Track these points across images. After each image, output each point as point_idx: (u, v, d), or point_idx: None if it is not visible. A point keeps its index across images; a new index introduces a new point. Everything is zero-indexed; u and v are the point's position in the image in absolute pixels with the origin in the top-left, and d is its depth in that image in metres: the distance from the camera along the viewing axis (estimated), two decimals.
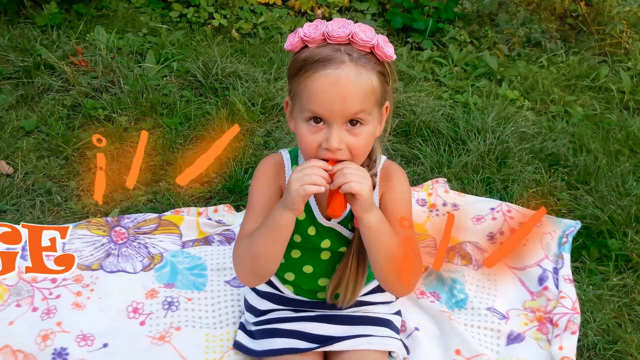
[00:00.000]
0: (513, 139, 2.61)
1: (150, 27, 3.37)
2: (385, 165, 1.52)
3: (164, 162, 2.41)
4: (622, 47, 3.53)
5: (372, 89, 1.30)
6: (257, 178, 1.50)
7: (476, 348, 1.63)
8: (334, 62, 1.27)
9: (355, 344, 1.51)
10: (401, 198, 1.49)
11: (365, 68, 1.29)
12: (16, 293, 1.74)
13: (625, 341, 1.74)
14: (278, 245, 1.39)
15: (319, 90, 1.27)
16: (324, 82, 1.27)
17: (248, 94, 2.80)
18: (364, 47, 1.30)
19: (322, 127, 1.30)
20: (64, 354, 1.57)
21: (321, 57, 1.28)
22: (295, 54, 1.34)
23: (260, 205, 1.47)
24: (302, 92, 1.30)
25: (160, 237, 2.01)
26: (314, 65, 1.28)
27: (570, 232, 2.08)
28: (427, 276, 1.91)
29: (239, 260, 1.45)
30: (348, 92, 1.27)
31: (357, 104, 1.28)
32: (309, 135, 1.32)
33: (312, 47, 1.31)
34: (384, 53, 1.32)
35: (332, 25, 1.30)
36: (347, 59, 1.28)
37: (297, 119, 1.35)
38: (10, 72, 2.86)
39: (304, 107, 1.30)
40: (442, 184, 2.33)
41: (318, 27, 1.31)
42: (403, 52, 3.37)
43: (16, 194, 2.18)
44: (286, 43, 1.35)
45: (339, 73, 1.26)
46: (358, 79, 1.28)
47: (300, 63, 1.30)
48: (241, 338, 1.62)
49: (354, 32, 1.29)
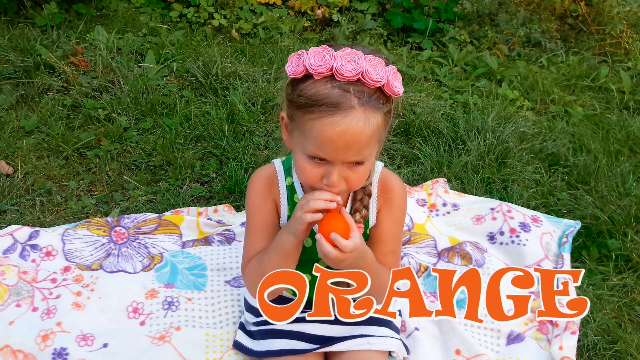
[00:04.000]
0: (513, 139, 2.61)
1: (150, 27, 3.37)
2: (383, 176, 1.50)
3: (164, 162, 2.41)
4: (622, 47, 3.53)
5: (378, 131, 1.27)
6: (251, 196, 1.49)
7: (476, 348, 1.64)
8: (343, 109, 1.21)
9: (355, 344, 1.51)
10: (397, 216, 1.50)
11: (373, 111, 1.24)
12: (16, 293, 1.73)
13: (625, 341, 1.74)
14: (286, 266, 1.41)
15: (326, 138, 1.22)
16: (332, 131, 1.21)
17: (248, 94, 2.80)
18: (373, 86, 1.24)
19: (323, 163, 1.29)
20: (64, 354, 1.57)
21: (330, 102, 1.21)
22: (299, 83, 1.26)
23: (258, 224, 1.48)
24: (307, 131, 1.25)
25: (160, 237, 2.01)
26: (322, 108, 1.22)
27: (570, 232, 2.08)
28: (427, 276, 1.91)
29: (250, 281, 1.49)
30: (354, 141, 1.23)
31: (361, 151, 1.26)
32: (310, 169, 1.29)
33: (318, 82, 1.24)
34: (393, 91, 1.26)
35: (341, 59, 1.22)
36: (356, 103, 1.22)
37: (297, 147, 1.32)
38: (10, 72, 2.86)
39: (308, 147, 1.27)
40: (442, 184, 2.33)
41: (325, 59, 1.23)
42: (403, 52, 3.37)
43: (16, 194, 2.18)
44: (288, 67, 1.27)
45: (348, 122, 1.21)
46: (365, 126, 1.23)
47: (307, 100, 1.23)
48: (241, 338, 1.62)
49: (364, 70, 1.22)
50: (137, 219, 2.04)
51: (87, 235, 1.96)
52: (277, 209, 1.49)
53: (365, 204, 1.45)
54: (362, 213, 1.43)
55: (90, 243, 1.95)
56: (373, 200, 1.48)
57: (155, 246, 1.98)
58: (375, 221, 1.50)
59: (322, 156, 1.26)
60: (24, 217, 2.09)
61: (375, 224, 1.51)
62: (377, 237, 1.50)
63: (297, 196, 1.47)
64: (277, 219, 1.50)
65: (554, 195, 2.34)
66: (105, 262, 1.87)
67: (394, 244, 1.52)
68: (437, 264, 1.98)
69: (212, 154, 2.48)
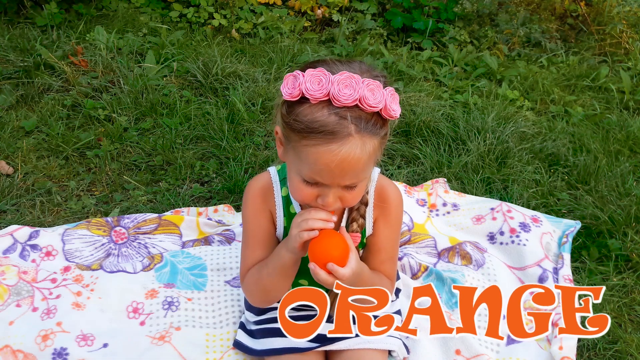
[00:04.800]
0: (513, 139, 2.61)
1: (150, 27, 3.37)
2: (380, 184, 1.49)
3: (164, 162, 2.41)
4: (622, 47, 3.53)
5: (374, 154, 1.26)
6: (247, 207, 1.49)
7: (476, 348, 1.64)
8: (340, 137, 1.19)
9: (355, 342, 1.51)
10: (394, 224, 1.51)
11: (370, 137, 1.22)
12: (16, 293, 1.73)
13: (625, 341, 1.74)
14: (285, 279, 1.43)
15: (322, 165, 1.22)
16: (329, 159, 1.20)
17: (248, 94, 2.81)
18: (371, 111, 1.22)
19: (319, 185, 1.28)
20: (64, 354, 1.57)
21: (327, 130, 1.19)
22: (295, 105, 1.24)
23: (255, 236, 1.49)
24: (302, 155, 1.24)
25: (160, 237, 2.01)
26: (319, 136, 1.20)
27: (570, 232, 2.08)
28: (427, 276, 1.91)
29: (249, 292, 1.51)
30: (351, 168, 1.22)
31: (356, 176, 1.26)
32: (305, 189, 1.29)
33: (314, 107, 1.21)
34: (390, 115, 1.24)
35: (338, 84, 1.19)
36: (353, 131, 1.20)
37: (291, 167, 1.31)
38: (10, 72, 2.86)
39: (304, 171, 1.26)
40: (442, 184, 2.33)
41: (322, 84, 1.20)
42: (403, 52, 3.37)
43: (16, 194, 2.18)
44: (284, 89, 1.24)
45: (345, 150, 1.20)
46: (362, 152, 1.22)
47: (303, 126, 1.21)
48: (241, 337, 1.62)
49: (362, 95, 1.19)
50: (137, 219, 2.04)
51: (87, 235, 1.96)
52: (273, 219, 1.49)
53: (362, 213, 1.44)
54: (359, 222, 1.43)
55: (90, 243, 1.95)
56: (370, 209, 1.48)
57: (155, 246, 1.98)
58: (372, 230, 1.50)
59: (318, 181, 1.26)
60: (24, 217, 2.09)
61: (372, 233, 1.51)
62: (374, 246, 1.51)
63: (293, 207, 1.47)
64: (273, 229, 1.50)
65: (554, 195, 2.34)
66: (105, 262, 1.87)
67: (391, 251, 1.52)
68: (437, 264, 1.98)
69: (212, 154, 2.48)
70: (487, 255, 1.98)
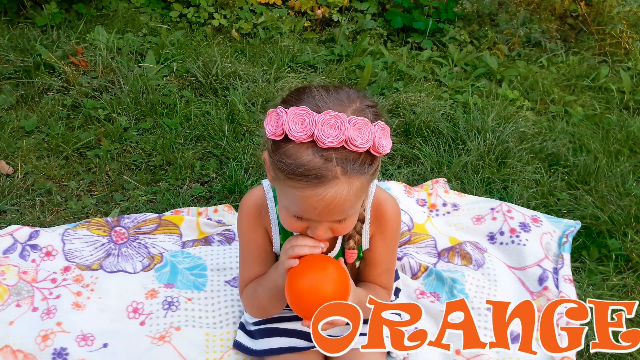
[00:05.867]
0: (513, 139, 2.61)
1: (150, 27, 3.37)
2: (377, 199, 1.46)
3: (164, 162, 2.41)
4: (622, 47, 3.53)
5: (363, 191, 1.23)
6: (242, 224, 1.48)
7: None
8: (326, 181, 1.15)
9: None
10: (391, 239, 1.50)
11: (357, 177, 1.18)
12: (16, 293, 1.73)
13: None
14: (279, 300, 1.41)
15: (309, 207, 1.19)
16: (315, 202, 1.17)
17: (248, 94, 2.81)
18: (358, 152, 1.17)
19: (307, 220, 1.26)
20: (64, 354, 1.57)
21: (312, 175, 1.15)
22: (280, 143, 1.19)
23: (251, 252, 1.50)
24: (289, 195, 1.21)
25: (160, 237, 2.01)
26: (304, 179, 1.15)
27: (570, 232, 2.08)
28: (427, 276, 1.91)
29: (247, 306, 1.54)
30: (338, 208, 1.19)
31: (345, 213, 1.24)
32: (295, 223, 1.27)
33: (299, 146, 1.16)
34: (379, 152, 1.19)
35: (323, 125, 1.13)
36: (339, 173, 1.15)
37: (280, 199, 1.29)
38: (10, 72, 2.86)
39: (291, 208, 1.24)
40: (442, 184, 2.33)
41: (305, 124, 1.14)
42: (403, 52, 3.37)
43: (16, 194, 2.18)
44: (267, 126, 1.20)
45: (332, 193, 1.16)
46: (349, 193, 1.18)
47: (288, 169, 1.17)
48: (241, 338, 1.62)
49: (348, 137, 1.14)
50: (137, 219, 2.04)
51: (87, 235, 1.96)
52: (269, 236, 1.48)
53: (358, 229, 1.43)
54: (355, 239, 1.42)
55: (90, 243, 1.95)
56: (366, 225, 1.46)
57: (155, 246, 1.98)
58: (369, 245, 1.50)
59: (305, 217, 1.24)
60: (24, 217, 2.09)
61: (368, 248, 1.50)
62: (371, 260, 1.50)
63: None
64: (269, 246, 1.49)
65: (554, 195, 2.34)
66: (105, 262, 1.87)
67: (388, 264, 1.52)
68: (437, 264, 1.98)
69: (212, 154, 2.48)
70: (487, 255, 1.98)
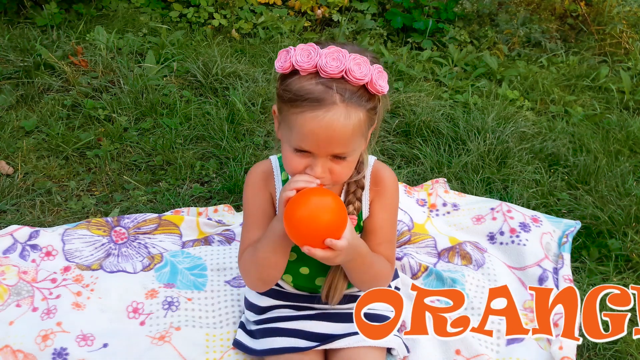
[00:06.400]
0: (513, 139, 2.61)
1: (150, 27, 3.37)
2: (375, 168, 1.52)
3: (164, 162, 2.41)
4: (622, 47, 3.53)
5: (360, 126, 1.30)
6: (247, 190, 1.52)
7: (476, 348, 1.63)
8: (325, 104, 1.25)
9: (354, 341, 1.51)
10: (389, 206, 1.52)
11: (355, 108, 1.28)
12: (16, 293, 1.74)
13: (625, 341, 1.73)
14: (280, 254, 1.43)
15: (308, 132, 1.27)
16: (313, 125, 1.26)
17: (248, 94, 2.81)
18: (357, 84, 1.27)
19: (308, 155, 1.32)
20: (64, 354, 1.57)
21: (312, 97, 1.26)
22: (287, 78, 1.31)
23: (254, 215, 1.51)
24: (291, 124, 1.30)
25: (160, 237, 2.01)
26: (305, 103, 1.26)
27: (570, 232, 2.08)
28: (427, 276, 1.91)
29: (245, 270, 1.51)
30: (336, 135, 1.27)
31: (343, 145, 1.29)
32: (295, 159, 1.33)
33: (303, 78, 1.28)
34: (377, 89, 1.29)
35: (326, 57, 1.26)
36: (338, 100, 1.26)
37: (283, 139, 1.36)
38: (10, 72, 2.86)
39: (292, 139, 1.31)
40: (442, 184, 2.33)
41: (311, 56, 1.27)
42: (403, 52, 3.37)
43: (16, 194, 2.18)
44: (277, 63, 1.32)
45: (329, 117, 1.25)
46: (347, 121, 1.27)
47: (291, 95, 1.28)
48: (241, 337, 1.62)
49: (348, 68, 1.26)
50: (137, 219, 2.04)
51: (87, 235, 1.96)
52: (273, 202, 1.51)
53: (358, 196, 1.47)
54: (355, 205, 1.45)
55: (90, 243, 1.95)
56: (366, 192, 1.49)
57: (155, 246, 1.98)
58: (369, 212, 1.51)
59: (305, 148, 1.30)
60: (24, 217, 2.09)
61: (368, 216, 1.52)
62: (370, 228, 1.51)
63: None
64: (272, 210, 1.51)
65: (554, 195, 2.34)
66: (105, 262, 1.87)
67: (387, 234, 1.52)
68: (437, 264, 1.98)
69: (212, 154, 2.48)
70: (487, 255, 1.98)
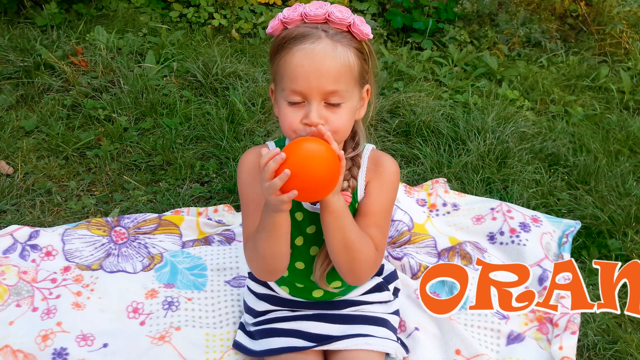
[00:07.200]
0: (513, 139, 2.61)
1: (150, 27, 3.37)
2: (374, 153, 1.52)
3: (164, 162, 2.41)
4: (622, 47, 3.53)
5: (349, 65, 1.34)
6: (242, 174, 1.49)
7: (476, 348, 1.63)
8: (311, 37, 1.32)
9: (353, 343, 1.51)
10: (386, 190, 1.48)
11: (341, 44, 1.33)
12: (16, 293, 1.73)
13: (625, 341, 1.73)
14: (280, 242, 1.38)
15: (296, 65, 1.31)
16: (300, 57, 1.31)
17: (248, 94, 2.81)
18: (340, 25, 1.34)
19: (302, 105, 1.34)
20: (64, 354, 1.57)
21: (298, 34, 1.33)
22: (275, 37, 1.39)
23: (252, 201, 1.47)
24: (281, 71, 1.35)
25: (160, 237, 2.01)
26: (292, 41, 1.33)
27: (570, 232, 2.08)
28: None
29: (250, 261, 1.47)
30: (324, 66, 1.31)
31: (333, 79, 1.31)
32: (290, 113, 1.35)
33: (291, 28, 1.35)
34: (360, 31, 1.36)
35: (310, 6, 1.35)
36: (323, 35, 1.33)
37: (279, 101, 1.39)
38: (10, 72, 2.86)
39: (284, 85, 1.34)
40: (442, 184, 2.33)
41: (296, 9, 1.36)
42: (403, 52, 3.37)
43: (16, 194, 2.18)
44: (268, 29, 1.40)
45: (315, 47, 1.31)
46: (334, 53, 1.32)
47: (279, 42, 1.35)
48: (241, 338, 1.62)
49: (330, 11, 1.34)
50: (137, 219, 2.04)
51: (87, 235, 1.96)
52: None
53: (354, 174, 1.45)
54: (350, 183, 1.44)
55: (90, 243, 1.95)
56: (362, 173, 1.48)
57: (155, 246, 1.98)
58: (364, 193, 1.48)
59: (295, 88, 1.32)
60: (24, 217, 2.09)
61: (363, 197, 1.48)
62: (363, 209, 1.46)
63: None
64: None
65: (554, 195, 2.34)
66: (105, 262, 1.87)
67: (379, 218, 1.46)
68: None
69: (212, 154, 2.48)
70: (487, 255, 1.98)
